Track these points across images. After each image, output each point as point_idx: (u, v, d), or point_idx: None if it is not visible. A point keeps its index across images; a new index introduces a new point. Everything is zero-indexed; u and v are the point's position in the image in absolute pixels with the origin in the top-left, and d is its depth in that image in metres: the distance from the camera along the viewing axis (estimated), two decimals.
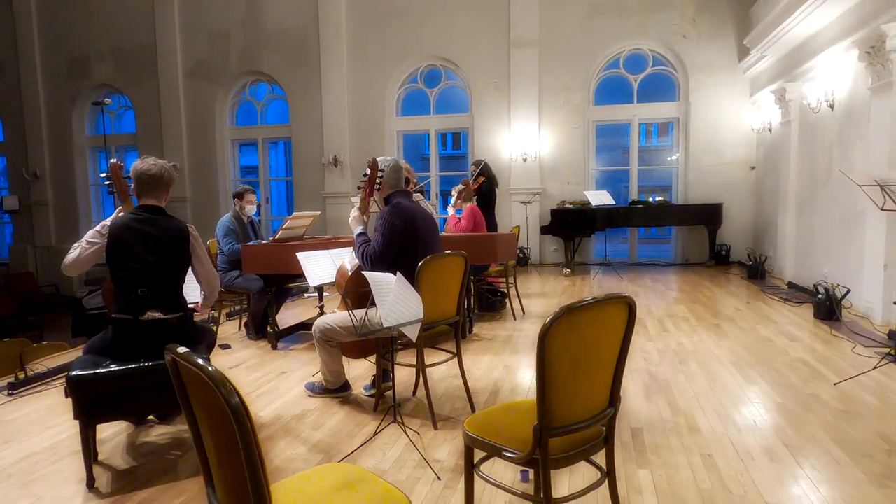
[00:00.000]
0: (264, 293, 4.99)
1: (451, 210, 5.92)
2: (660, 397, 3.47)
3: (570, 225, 8.58)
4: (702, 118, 9.44)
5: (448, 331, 3.33)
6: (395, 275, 2.80)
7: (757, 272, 7.76)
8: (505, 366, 4.16)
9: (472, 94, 10.34)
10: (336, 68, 10.69)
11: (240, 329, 5.56)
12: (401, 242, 3.15)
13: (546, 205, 9.86)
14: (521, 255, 9.84)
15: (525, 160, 10.01)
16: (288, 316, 6.06)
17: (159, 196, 2.91)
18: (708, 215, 8.93)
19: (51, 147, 12.54)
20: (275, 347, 4.84)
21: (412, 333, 2.78)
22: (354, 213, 3.35)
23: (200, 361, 1.32)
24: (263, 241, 5.20)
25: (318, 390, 3.60)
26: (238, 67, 11.30)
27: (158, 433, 3.14)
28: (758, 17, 7.89)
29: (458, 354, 3.32)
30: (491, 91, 10.21)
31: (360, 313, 3.01)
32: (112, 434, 3.13)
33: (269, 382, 3.93)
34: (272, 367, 4.28)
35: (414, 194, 7.31)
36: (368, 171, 3.28)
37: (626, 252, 10.21)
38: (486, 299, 6.10)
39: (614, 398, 1.88)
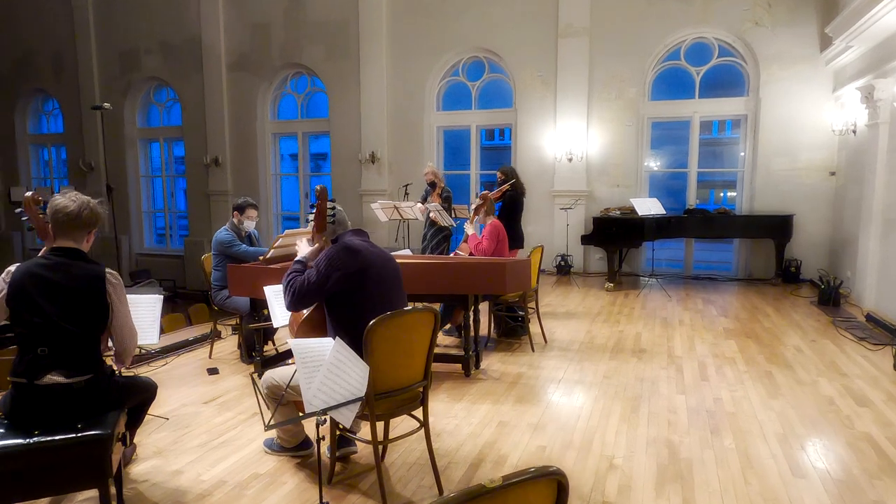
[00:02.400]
0: (251, 316, 4.63)
1: (469, 228, 5.35)
2: (675, 489, 2.81)
3: (614, 235, 7.79)
4: (774, 116, 8.35)
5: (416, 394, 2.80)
6: (334, 338, 2.30)
7: (829, 297, 6.74)
8: (501, 422, 3.59)
9: (517, 87, 9.63)
10: (375, 61, 10.25)
11: (238, 348, 5.26)
12: (343, 291, 2.64)
13: (593, 209, 9.09)
14: (562, 263, 9.14)
15: (570, 160, 9.24)
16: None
17: (78, 237, 2.52)
18: (776, 228, 7.91)
19: (105, 139, 12.82)
20: (260, 376, 4.47)
21: (346, 418, 2.27)
22: (301, 242, 2.89)
23: None
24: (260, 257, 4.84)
25: (275, 448, 3.17)
26: (279, 60, 11.07)
27: None
28: (843, 2, 6.77)
29: (426, 426, 2.79)
30: (536, 85, 9.47)
31: (286, 374, 2.55)
32: None
33: (234, 428, 3.54)
34: (247, 406, 3.90)
35: (429, 205, 6.83)
36: (318, 201, 2.79)
37: (682, 262, 9.27)
38: (506, 323, 5.52)
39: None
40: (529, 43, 9.40)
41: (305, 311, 2.88)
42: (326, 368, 2.22)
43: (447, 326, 5.42)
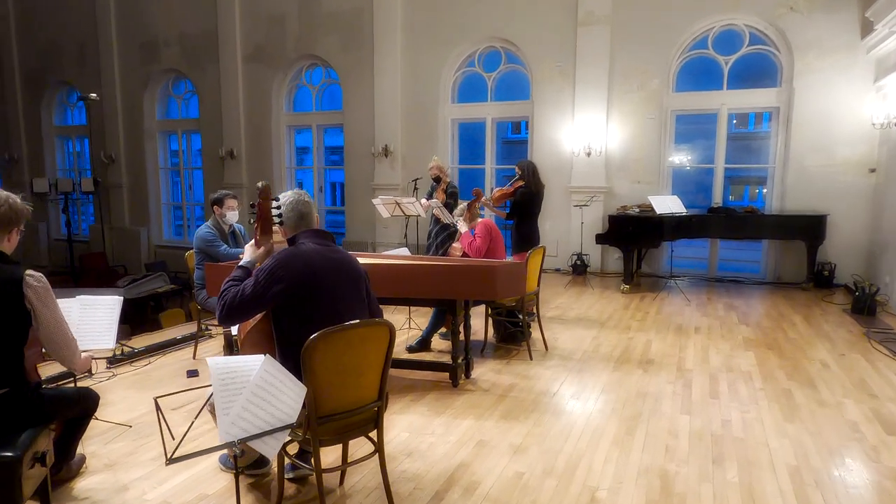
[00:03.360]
0: None
1: (462, 226, 5.05)
2: None
3: (631, 235, 7.37)
4: (809, 108, 7.78)
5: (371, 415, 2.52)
6: (267, 357, 2.04)
7: (864, 305, 6.21)
8: (481, 441, 3.29)
9: (534, 78, 9.24)
10: (389, 51, 9.98)
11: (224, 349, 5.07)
12: (287, 305, 2.36)
13: (612, 206, 8.67)
14: (578, 263, 8.75)
15: (589, 154, 8.82)
16: None
17: None
18: (808, 229, 7.36)
19: (125, 131, 12.91)
20: None
21: (270, 448, 2.00)
22: (248, 245, 2.63)
23: None
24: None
25: (229, 465, 2.94)
26: (294, 51, 10.90)
27: None
28: None
29: (380, 451, 2.51)
30: (554, 76, 9.06)
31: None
32: None
33: (195, 440, 3.32)
34: None
35: (430, 201, 6.53)
36: (259, 200, 2.53)
37: (706, 262, 8.77)
38: (505, 328, 5.21)
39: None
40: (548, 32, 8.99)
41: (253, 320, 2.63)
42: (251, 391, 1.96)
43: (443, 330, 5.14)
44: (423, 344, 4.96)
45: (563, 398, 3.92)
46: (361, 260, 4.51)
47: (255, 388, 1.97)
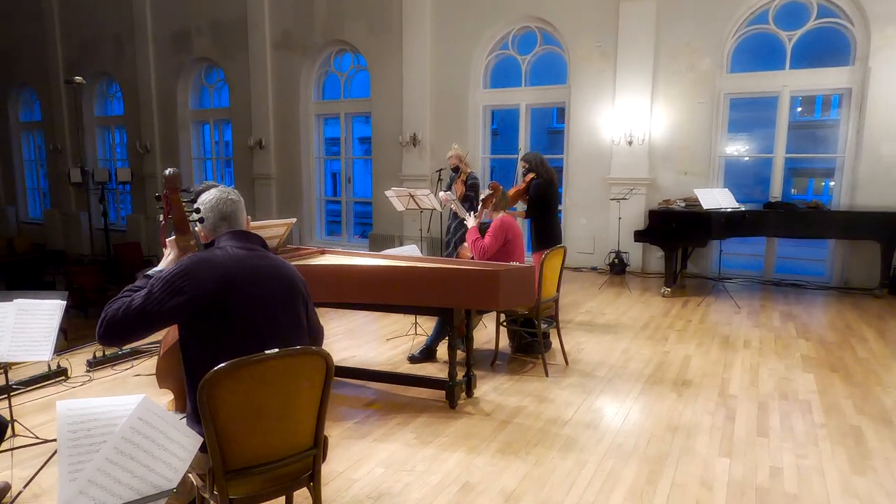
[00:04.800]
0: None
1: (470, 221, 4.48)
2: None
3: (673, 232, 6.61)
4: (887, 90, 6.78)
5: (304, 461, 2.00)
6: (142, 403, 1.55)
7: None
8: (467, 483, 2.74)
9: (571, 60, 8.52)
10: (418, 34, 9.44)
11: None
12: (191, 325, 1.87)
13: (655, 199, 7.89)
14: (616, 261, 8.02)
15: (630, 143, 8.05)
16: None
17: None
18: (883, 227, 6.41)
19: (160, 121, 12.89)
20: None
21: None
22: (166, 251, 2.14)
23: None
24: None
25: None
26: (322, 37, 10.50)
27: None
28: None
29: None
30: (594, 57, 8.31)
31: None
32: None
33: None
34: None
35: (446, 193, 5.95)
36: (165, 192, 2.04)
37: (761, 262, 7.87)
38: (521, 337, 4.63)
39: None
40: (587, 9, 8.25)
41: (172, 339, 2.16)
42: (113, 446, 1.48)
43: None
44: (428, 354, 4.44)
45: (577, 428, 3.32)
46: (343, 260, 4.05)
47: (120, 442, 1.49)
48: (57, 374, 4.11)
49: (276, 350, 1.78)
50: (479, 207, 4.40)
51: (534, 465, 2.90)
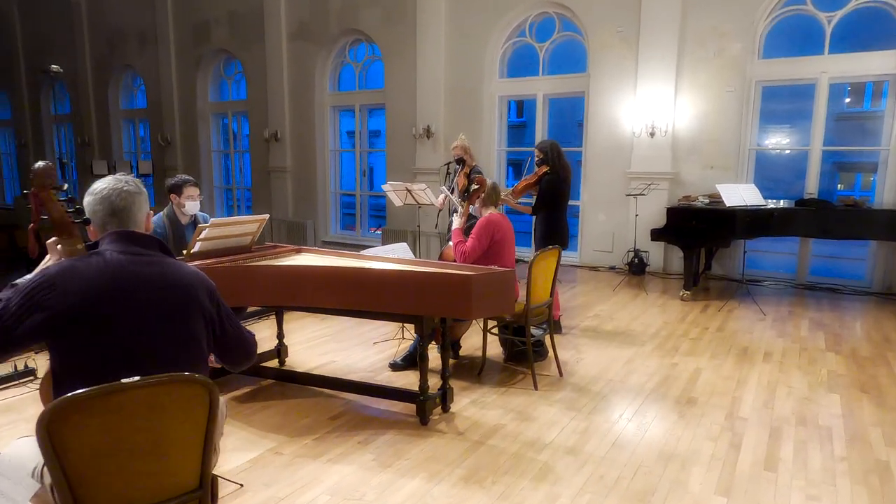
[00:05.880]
0: None
1: (456, 220, 4.14)
2: None
3: (693, 231, 6.12)
4: None
5: None
6: None
7: None
8: None
9: (591, 47, 8.04)
10: (433, 20, 9.09)
11: None
12: (55, 344, 1.60)
13: (679, 195, 7.38)
14: (635, 261, 7.55)
15: (652, 135, 7.55)
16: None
17: None
18: None
19: (180, 113, 12.90)
20: None
21: None
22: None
23: None
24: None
25: None
26: (337, 26, 10.26)
27: None
28: None
29: None
30: (614, 43, 7.82)
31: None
32: None
33: None
34: None
35: (443, 188, 5.61)
36: (32, 189, 1.77)
37: (794, 264, 7.28)
38: (513, 345, 4.28)
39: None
40: None
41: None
42: None
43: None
44: (411, 360, 4.13)
45: (556, 454, 2.96)
46: (317, 259, 3.77)
47: None
48: (23, 375, 3.95)
49: (138, 378, 1.49)
50: (465, 204, 4.05)
51: (497, 499, 2.56)
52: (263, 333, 4.85)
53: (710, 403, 3.58)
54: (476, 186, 3.99)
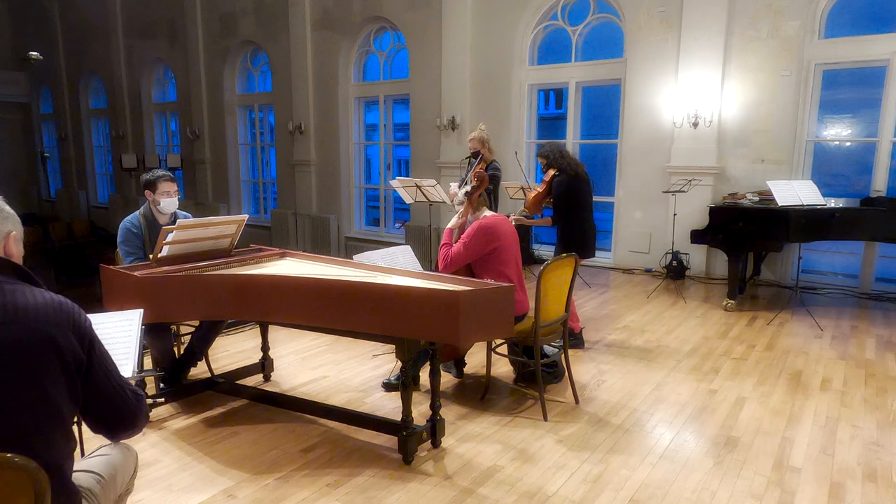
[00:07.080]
0: (162, 327, 3.40)
1: (453, 220, 3.63)
2: None
3: (740, 233, 5.42)
4: None
5: None
6: None
7: None
8: None
9: (628, 30, 7.36)
10: (458, 3, 8.55)
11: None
12: None
13: (724, 192, 6.68)
14: (674, 264, 6.88)
15: (696, 125, 6.84)
16: (226, 356, 4.45)
17: None
18: None
19: (208, 106, 12.77)
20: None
21: None
22: None
23: None
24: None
25: None
26: (360, 14, 9.85)
27: None
28: None
29: None
30: (654, 24, 7.13)
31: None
32: None
33: None
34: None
35: (453, 184, 5.09)
36: None
37: (856, 268, 6.47)
38: (523, 365, 3.76)
39: None
40: None
41: None
42: None
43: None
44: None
45: None
46: (299, 265, 3.30)
47: None
48: None
49: None
50: (465, 204, 3.54)
51: None
52: (247, 345, 4.48)
53: (755, 447, 2.98)
54: (476, 184, 3.47)
